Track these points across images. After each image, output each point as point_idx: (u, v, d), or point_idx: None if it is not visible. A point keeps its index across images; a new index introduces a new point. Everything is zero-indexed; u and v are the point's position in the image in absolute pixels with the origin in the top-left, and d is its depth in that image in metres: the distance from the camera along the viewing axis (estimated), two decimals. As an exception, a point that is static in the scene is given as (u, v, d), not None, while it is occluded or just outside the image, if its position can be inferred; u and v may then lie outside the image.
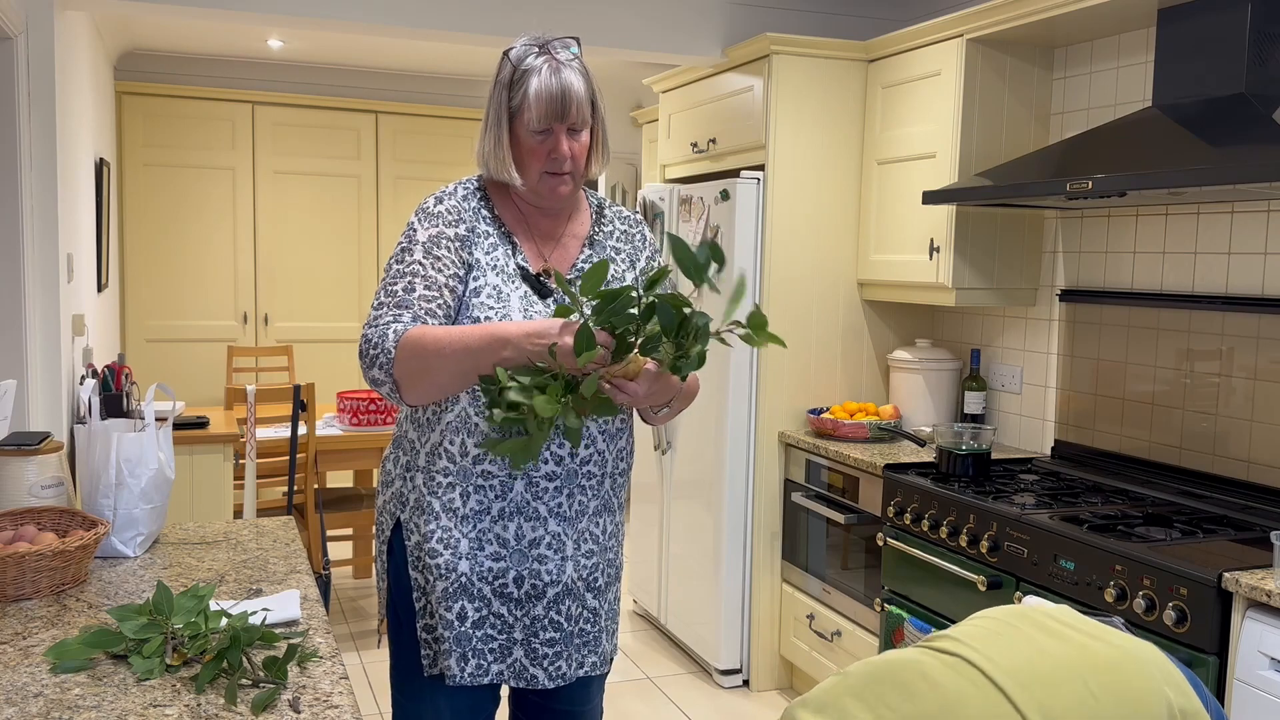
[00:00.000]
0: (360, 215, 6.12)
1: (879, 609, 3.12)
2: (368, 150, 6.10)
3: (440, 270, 1.74)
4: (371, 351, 1.68)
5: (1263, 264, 2.67)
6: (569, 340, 1.54)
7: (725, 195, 3.65)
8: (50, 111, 3.22)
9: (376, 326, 1.70)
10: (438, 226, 1.78)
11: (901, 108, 3.48)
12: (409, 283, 1.73)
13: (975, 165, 3.22)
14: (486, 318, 1.74)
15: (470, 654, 1.79)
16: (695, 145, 4.14)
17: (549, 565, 1.80)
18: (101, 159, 4.59)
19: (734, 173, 3.79)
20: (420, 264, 1.75)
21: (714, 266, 1.56)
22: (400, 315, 1.70)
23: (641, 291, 1.56)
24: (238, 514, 4.00)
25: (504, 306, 1.76)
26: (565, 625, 1.83)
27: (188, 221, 5.79)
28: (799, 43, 3.58)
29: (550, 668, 1.82)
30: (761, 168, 3.67)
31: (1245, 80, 2.45)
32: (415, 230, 1.79)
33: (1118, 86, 3.10)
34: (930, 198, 3.09)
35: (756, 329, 1.55)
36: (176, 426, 3.82)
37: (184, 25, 4.99)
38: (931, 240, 3.29)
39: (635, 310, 1.55)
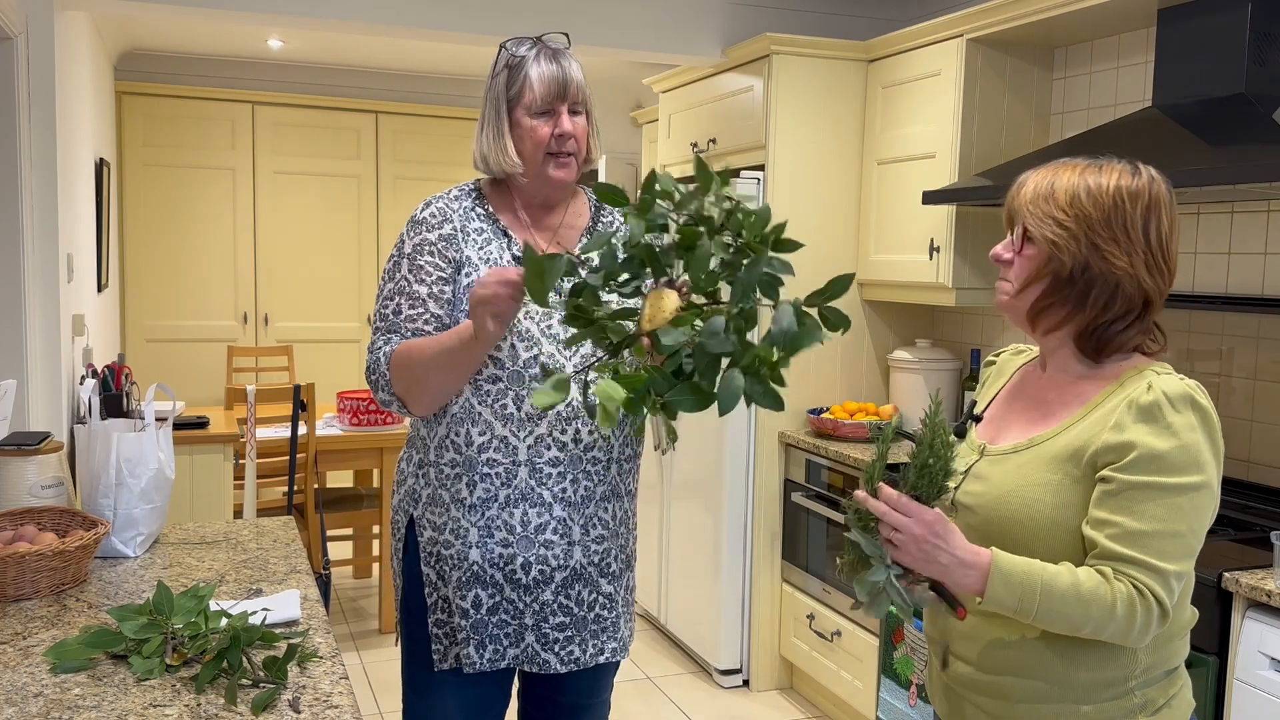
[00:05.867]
0: (360, 215, 6.12)
1: (876, 621, 3.11)
2: (368, 150, 6.10)
3: (422, 281, 1.80)
4: (372, 377, 1.80)
5: (1263, 264, 2.67)
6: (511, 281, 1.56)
7: (725, 195, 3.65)
8: (50, 111, 3.21)
9: (372, 352, 1.81)
10: (420, 233, 1.83)
11: (901, 108, 3.48)
12: (396, 304, 1.81)
13: (975, 165, 3.22)
14: None
15: (487, 640, 1.81)
16: (695, 145, 4.14)
17: (555, 550, 1.80)
18: (101, 159, 4.59)
19: (734, 173, 3.79)
20: (405, 279, 1.81)
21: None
22: (390, 339, 1.80)
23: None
24: (238, 514, 4.00)
25: None
26: (576, 610, 1.83)
27: (188, 221, 5.79)
28: (799, 43, 3.58)
29: (562, 652, 1.83)
30: (761, 168, 3.67)
31: (1245, 80, 2.45)
32: (403, 243, 1.85)
33: (1118, 86, 3.09)
34: (930, 198, 3.09)
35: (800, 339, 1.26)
36: (176, 426, 3.82)
37: (184, 25, 4.99)
38: (931, 240, 3.29)
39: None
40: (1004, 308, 1.48)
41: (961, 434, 1.55)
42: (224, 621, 1.49)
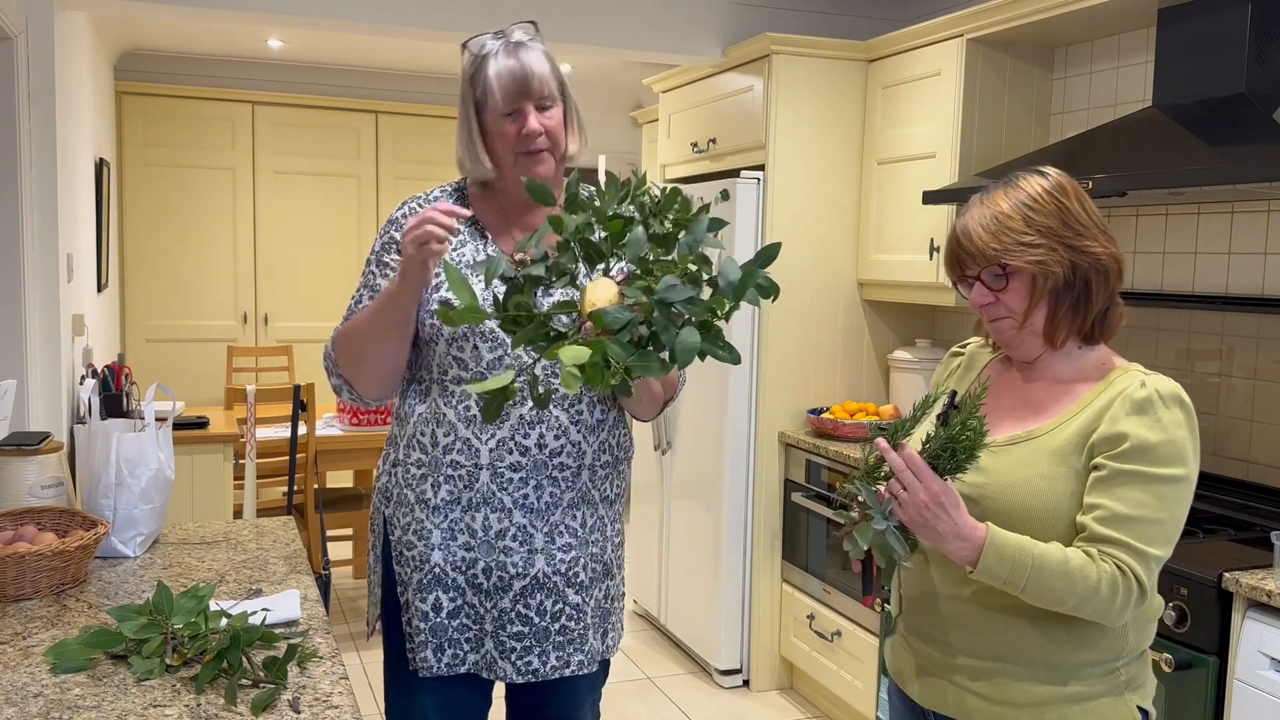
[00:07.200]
0: (360, 215, 6.12)
1: (879, 609, 3.12)
2: (368, 150, 6.10)
3: (387, 277, 1.81)
4: (326, 363, 1.83)
5: (1263, 264, 2.67)
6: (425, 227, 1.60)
7: (725, 195, 3.65)
8: (50, 111, 3.21)
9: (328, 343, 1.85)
10: (390, 233, 1.85)
11: (901, 108, 3.48)
12: (360, 296, 1.85)
13: (975, 165, 3.22)
14: None
15: (446, 644, 1.79)
16: (695, 145, 4.14)
17: (514, 558, 1.77)
18: (101, 159, 4.59)
19: (734, 173, 3.79)
20: (371, 273, 1.85)
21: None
22: None
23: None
24: (238, 514, 4.00)
25: None
26: (536, 620, 1.79)
27: (188, 221, 5.78)
28: (799, 43, 3.58)
29: (519, 662, 1.79)
30: (761, 168, 3.67)
31: (1245, 80, 2.45)
32: (377, 241, 1.87)
33: (1118, 86, 3.09)
34: (930, 198, 3.09)
35: (742, 287, 1.32)
36: (176, 426, 3.82)
37: (184, 25, 4.99)
38: (931, 240, 3.29)
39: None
40: (1012, 342, 1.53)
41: (945, 423, 1.57)
42: (224, 621, 1.49)
